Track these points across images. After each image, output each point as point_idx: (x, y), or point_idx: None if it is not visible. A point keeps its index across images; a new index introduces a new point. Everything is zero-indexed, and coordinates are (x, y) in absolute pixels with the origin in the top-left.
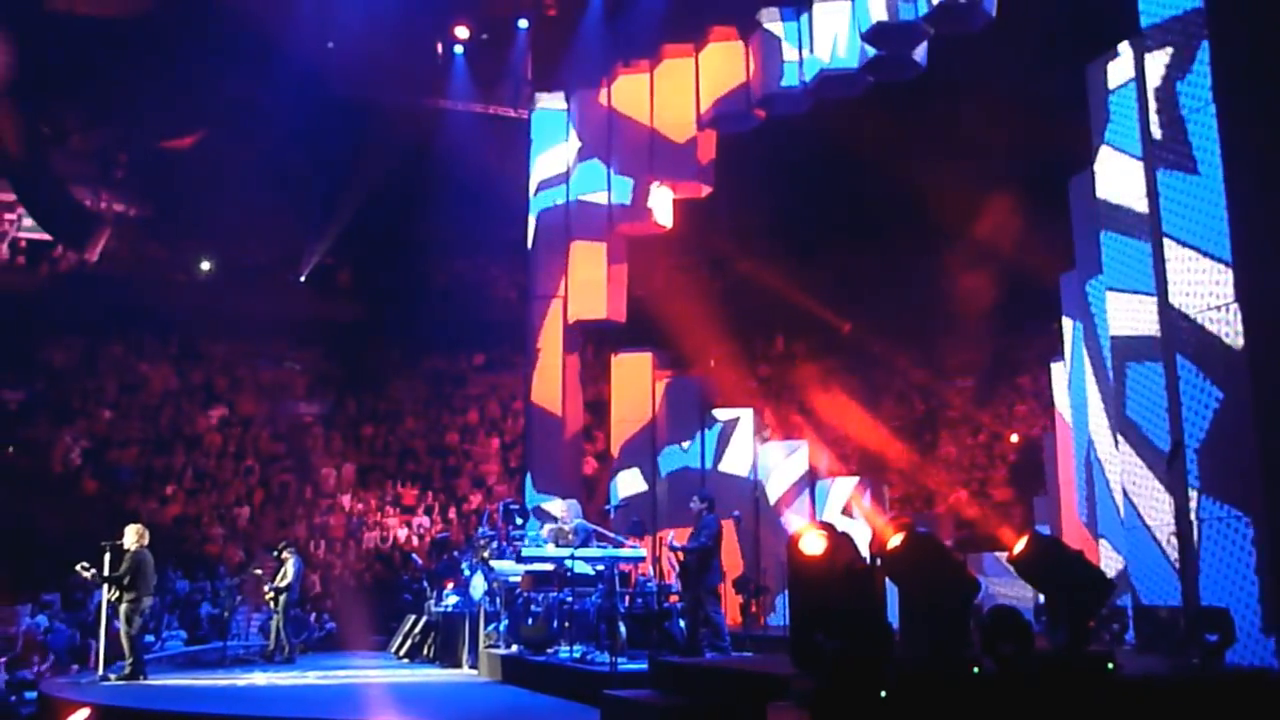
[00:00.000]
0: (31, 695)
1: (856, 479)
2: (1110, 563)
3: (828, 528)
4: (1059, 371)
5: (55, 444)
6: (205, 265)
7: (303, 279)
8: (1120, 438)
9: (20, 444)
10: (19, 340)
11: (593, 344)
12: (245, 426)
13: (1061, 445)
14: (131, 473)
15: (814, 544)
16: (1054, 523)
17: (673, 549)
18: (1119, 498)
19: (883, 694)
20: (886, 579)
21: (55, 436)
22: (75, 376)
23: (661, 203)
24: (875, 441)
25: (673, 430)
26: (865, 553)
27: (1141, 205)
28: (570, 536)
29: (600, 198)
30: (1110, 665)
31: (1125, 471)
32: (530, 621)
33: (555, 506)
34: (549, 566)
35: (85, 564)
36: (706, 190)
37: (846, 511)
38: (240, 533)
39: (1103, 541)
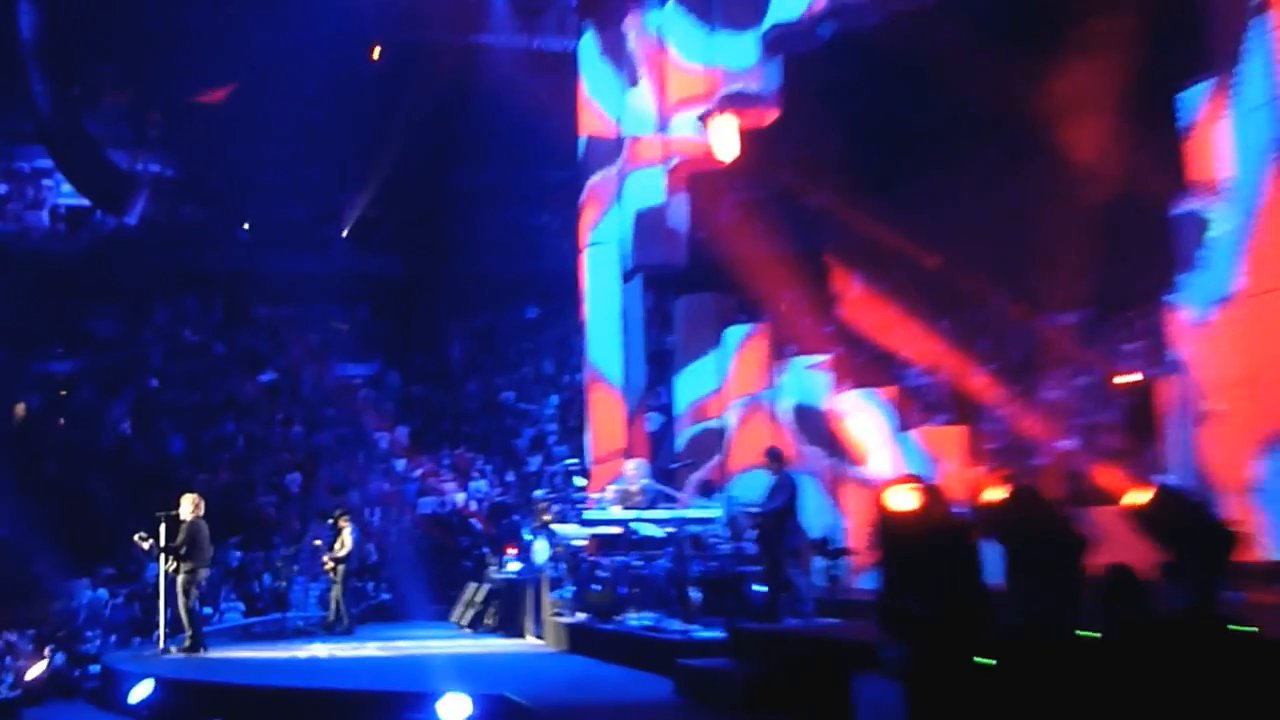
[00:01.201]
0: (95, 669)
1: (948, 428)
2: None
3: (919, 481)
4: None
5: (104, 415)
6: (245, 226)
7: (345, 234)
8: None
9: (70, 416)
10: (63, 310)
11: (653, 290)
12: (294, 391)
13: (1178, 388)
14: (182, 442)
15: (904, 499)
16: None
17: (747, 511)
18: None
19: (981, 662)
20: (985, 537)
21: (104, 408)
22: (121, 345)
23: (723, 133)
24: (968, 387)
25: (742, 381)
26: (960, 508)
27: None
28: (638, 497)
29: (656, 132)
30: (1252, 629)
31: None
32: (597, 588)
33: (624, 467)
34: (615, 529)
35: (143, 534)
36: (772, 117)
37: (937, 464)
38: (294, 500)
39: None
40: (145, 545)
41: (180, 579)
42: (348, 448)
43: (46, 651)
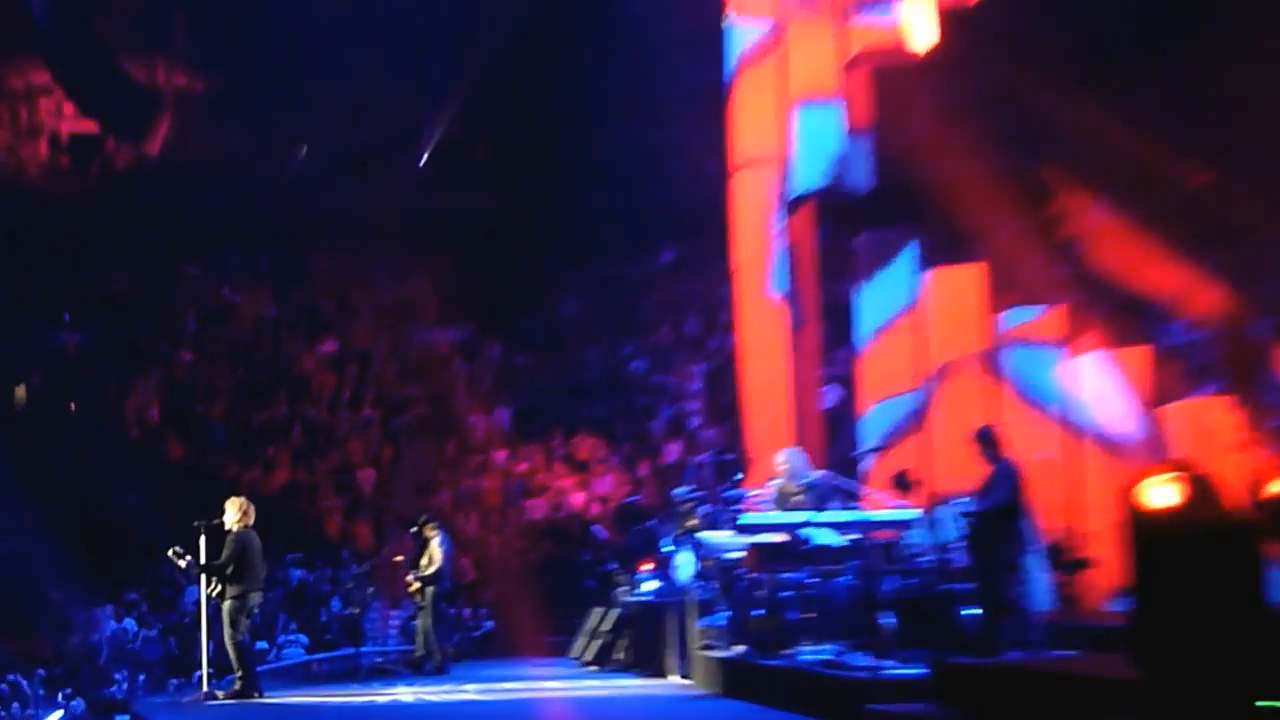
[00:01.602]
0: (123, 719)
1: (1220, 399)
2: None
3: (1185, 470)
4: None
5: (127, 398)
6: (298, 154)
7: (424, 164)
8: None
9: (83, 400)
10: (71, 266)
11: (828, 225)
12: (364, 364)
13: None
14: (224, 431)
15: (1163, 494)
16: None
17: (961, 513)
18: None
19: (1267, 707)
20: (1270, 542)
21: (126, 388)
22: (144, 310)
23: (918, 19)
24: (1246, 346)
25: (947, 340)
26: (1237, 505)
27: None
28: (798, 496)
29: (828, 18)
30: None
31: None
32: (759, 612)
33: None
34: (782, 537)
35: (179, 549)
36: None
37: (1206, 447)
38: (367, 504)
39: None
40: (182, 563)
41: (226, 606)
42: (434, 436)
43: (61, 697)
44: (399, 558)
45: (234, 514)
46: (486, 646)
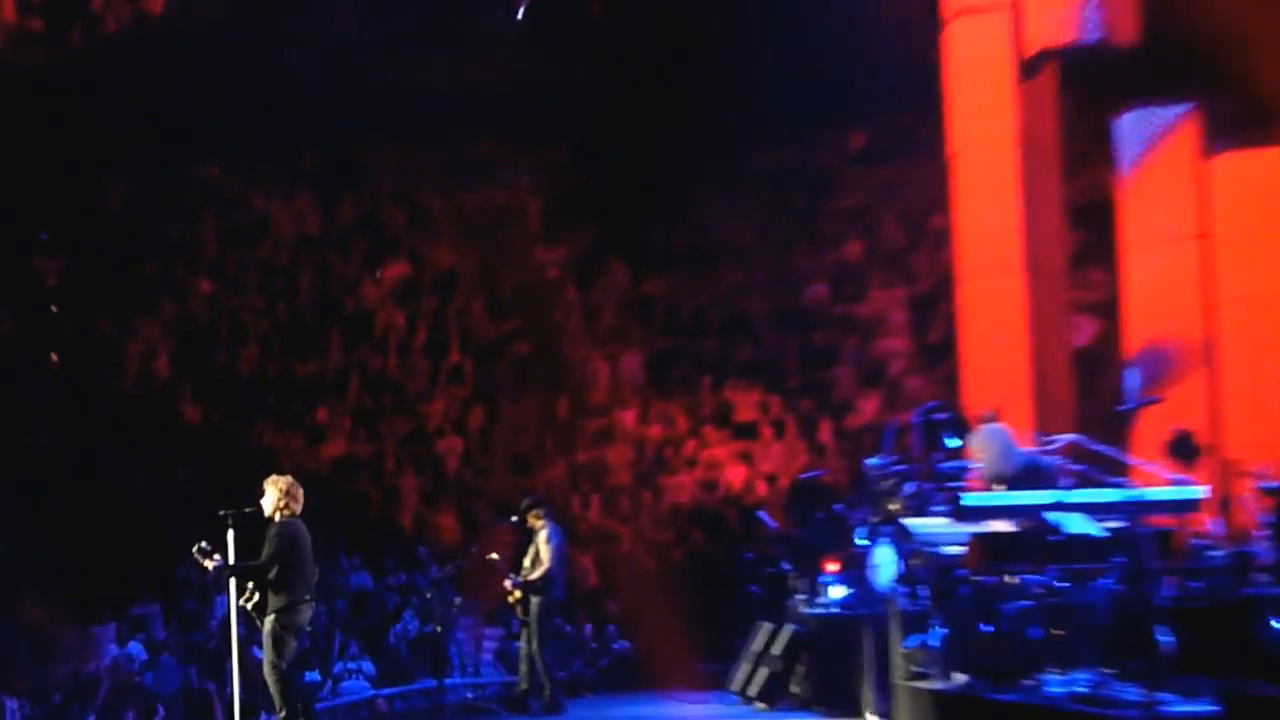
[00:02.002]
0: None
1: None
2: None
3: None
4: None
5: (127, 345)
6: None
7: (520, 16)
8: None
9: (68, 348)
10: (50, 167)
11: (1076, 94)
12: (444, 294)
13: None
14: (257, 387)
15: None
16: None
17: (1264, 490)
18: None
19: None
20: None
21: (125, 332)
22: (147, 226)
23: None
24: None
25: (1244, 257)
26: None
27: None
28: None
29: None
30: None
31: None
32: (988, 628)
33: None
34: (1018, 525)
35: (205, 545)
36: None
37: None
38: (451, 485)
39: None
40: (209, 564)
41: (268, 623)
42: (540, 391)
43: None
44: (494, 557)
45: (274, 498)
46: (615, 677)
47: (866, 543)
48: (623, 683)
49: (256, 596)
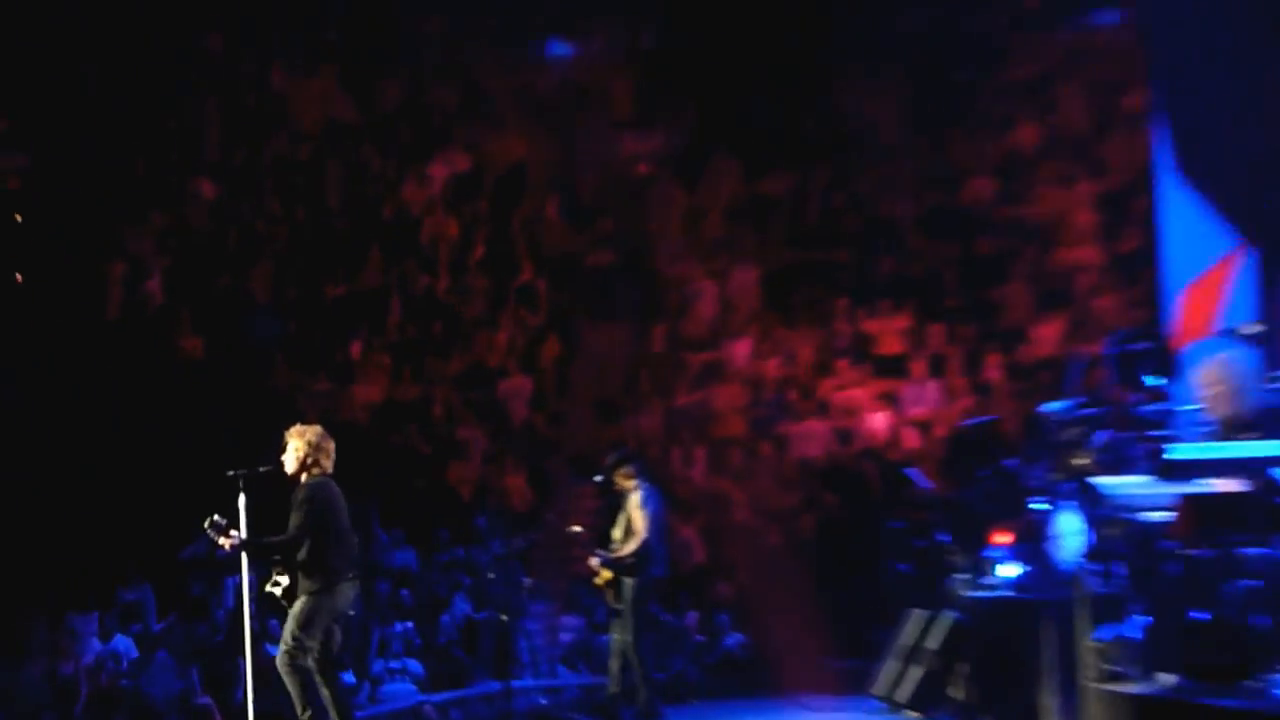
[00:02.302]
0: None
1: None
2: None
3: None
4: None
5: (109, 262)
6: None
7: None
8: None
9: (39, 267)
10: (7, 39)
11: None
12: (508, 195)
13: None
14: (274, 315)
15: None
16: None
17: None
18: None
19: None
20: None
21: (107, 245)
22: (131, 111)
23: None
24: None
25: None
26: None
27: None
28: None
29: None
30: None
31: None
32: (1203, 616)
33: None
34: (1241, 484)
35: (219, 519)
36: None
37: None
38: (518, 437)
39: None
40: (224, 542)
41: (297, 610)
42: (629, 316)
43: None
44: (577, 528)
45: (299, 454)
46: (726, 678)
47: (1046, 508)
48: (736, 685)
49: (285, 580)
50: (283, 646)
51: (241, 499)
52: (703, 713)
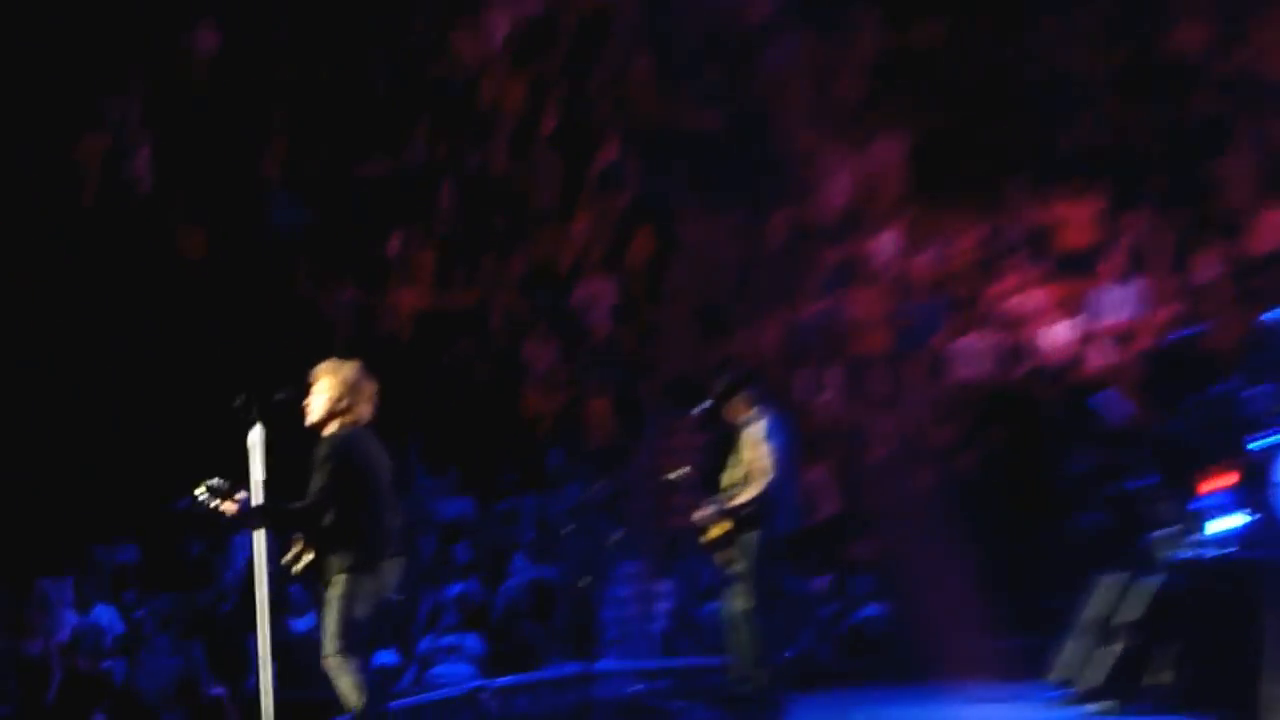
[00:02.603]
0: None
1: None
2: None
3: None
4: None
5: (85, 136)
6: None
7: None
8: None
9: None
10: None
11: None
12: (587, 48)
13: None
14: (293, 200)
15: None
16: None
17: None
18: None
19: None
20: None
21: (83, 116)
22: None
23: None
24: None
25: None
26: None
27: None
28: None
29: None
30: None
31: None
32: None
33: None
34: None
35: (217, 483)
36: None
37: None
38: (599, 355)
39: None
40: (226, 507)
41: (331, 602)
42: (743, 200)
43: None
44: (680, 471)
45: (330, 396)
46: (866, 655)
47: (1271, 443)
48: (875, 666)
49: (309, 555)
50: (328, 647)
51: (253, 436)
52: (833, 700)
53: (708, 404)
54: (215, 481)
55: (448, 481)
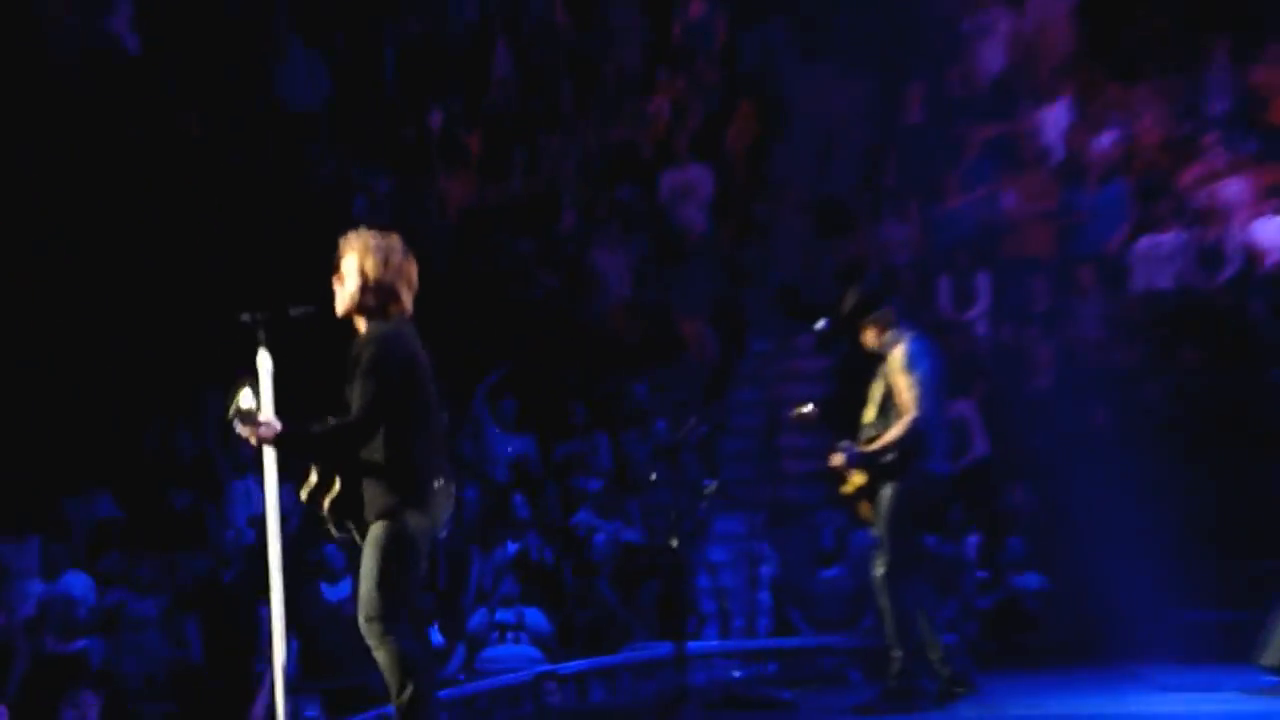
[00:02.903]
0: None
1: None
2: None
3: None
4: None
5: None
6: None
7: None
8: None
9: None
10: None
11: None
12: None
13: None
14: (309, 71)
15: None
16: None
17: None
18: None
19: None
20: None
21: None
22: None
23: None
24: None
25: None
26: None
27: None
28: None
29: None
30: None
31: None
32: None
33: None
34: None
35: (248, 398)
36: None
37: None
38: (692, 258)
39: None
40: (251, 434)
41: (371, 553)
42: (861, 63)
43: None
44: (805, 408)
45: (363, 276)
46: (1024, 634)
47: None
48: (1033, 646)
49: (337, 484)
50: (367, 608)
51: (261, 360)
52: (984, 686)
53: (825, 323)
54: (246, 393)
55: (503, 415)
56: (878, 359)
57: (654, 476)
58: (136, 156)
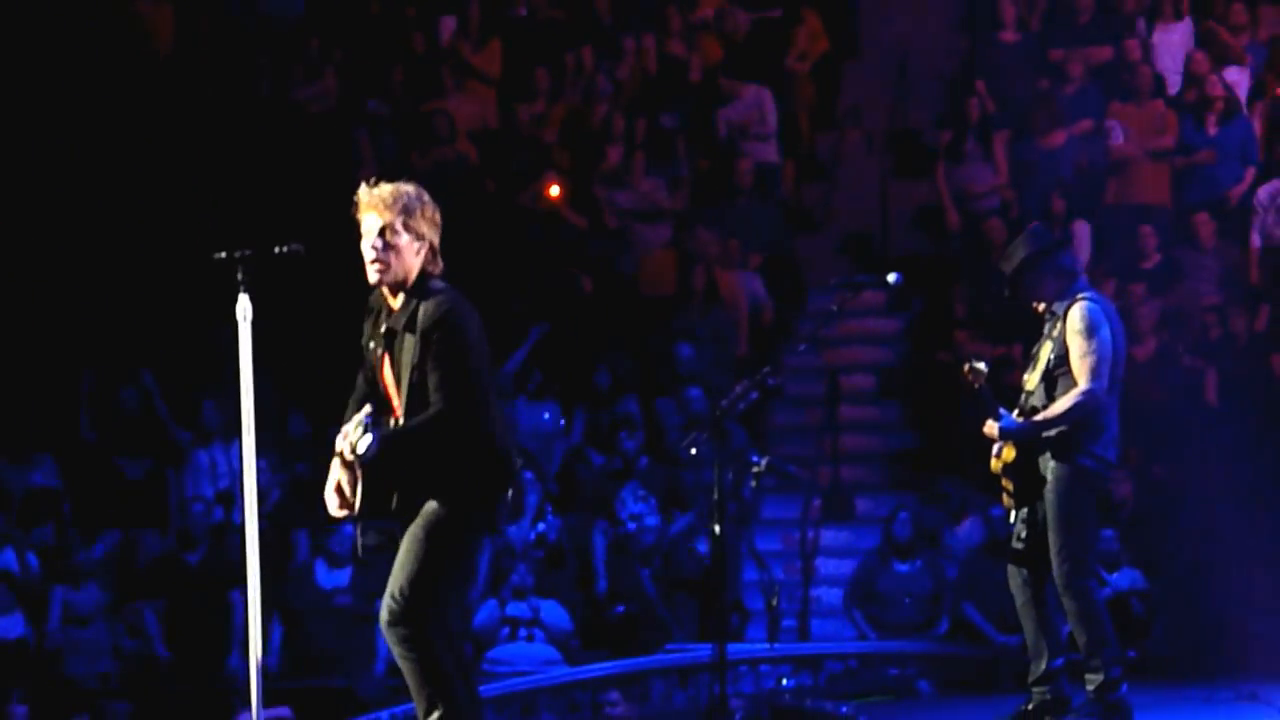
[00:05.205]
0: None
1: None
2: None
3: None
4: None
5: None
6: None
7: None
8: None
9: None
10: None
11: None
12: None
13: None
14: None
15: None
16: None
17: None
18: None
19: None
20: None
21: None
22: None
23: None
24: None
25: None
26: None
27: None
28: None
29: None
30: None
31: None
32: None
33: None
34: None
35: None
36: None
37: None
38: (748, 195)
39: None
40: (359, 447)
41: (435, 521)
42: None
43: None
44: (980, 364)
45: (411, 236)
46: (1123, 641)
47: None
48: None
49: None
50: (400, 603)
51: (241, 305)
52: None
53: (898, 277)
54: (362, 444)
55: (525, 377)
56: (1043, 321)
57: (694, 450)
58: (97, 76)
